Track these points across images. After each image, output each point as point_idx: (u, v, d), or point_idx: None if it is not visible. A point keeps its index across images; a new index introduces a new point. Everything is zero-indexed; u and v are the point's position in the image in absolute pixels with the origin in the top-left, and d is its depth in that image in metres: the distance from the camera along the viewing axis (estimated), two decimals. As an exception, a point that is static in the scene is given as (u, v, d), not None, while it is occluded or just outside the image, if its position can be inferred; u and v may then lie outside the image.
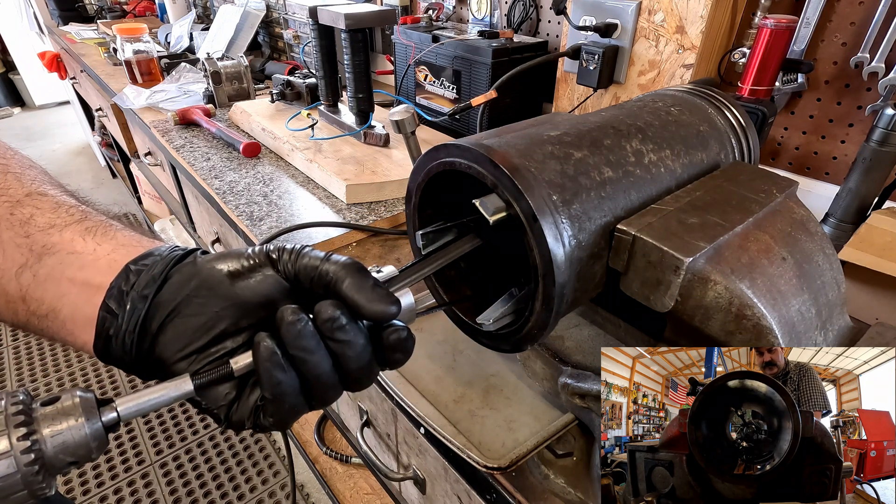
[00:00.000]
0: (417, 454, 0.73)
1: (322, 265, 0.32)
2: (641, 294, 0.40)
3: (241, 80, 1.44)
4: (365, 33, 1.05)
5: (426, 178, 0.45)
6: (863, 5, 0.77)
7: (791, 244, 0.42)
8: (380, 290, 0.31)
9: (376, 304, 0.30)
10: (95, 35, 2.26)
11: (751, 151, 0.54)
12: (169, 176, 1.52)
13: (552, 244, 0.36)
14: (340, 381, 0.32)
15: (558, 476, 0.51)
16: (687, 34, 0.86)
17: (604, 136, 0.43)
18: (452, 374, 0.60)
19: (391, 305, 0.30)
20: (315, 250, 0.34)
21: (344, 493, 1.38)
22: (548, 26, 1.25)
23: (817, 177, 0.91)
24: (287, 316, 0.30)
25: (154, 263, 0.35)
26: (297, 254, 0.33)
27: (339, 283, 0.31)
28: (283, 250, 0.34)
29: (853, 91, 0.83)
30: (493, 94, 0.98)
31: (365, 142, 1.11)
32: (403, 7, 1.53)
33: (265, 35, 1.84)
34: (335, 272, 0.32)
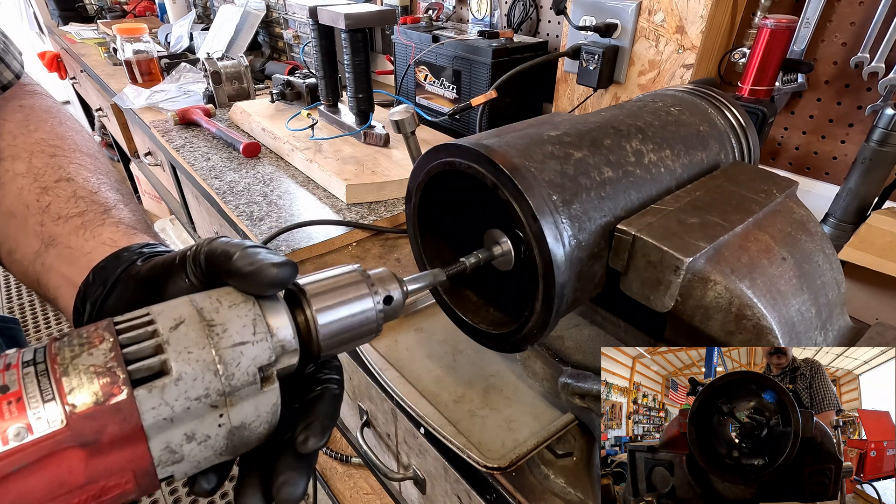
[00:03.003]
0: (417, 454, 0.73)
1: (217, 247, 0.29)
2: (641, 294, 0.40)
3: (241, 80, 1.44)
4: (365, 33, 1.05)
5: (426, 178, 0.45)
6: (863, 5, 0.77)
7: (791, 244, 0.42)
8: (270, 256, 0.28)
9: (268, 270, 0.27)
10: (95, 35, 2.26)
11: (751, 151, 0.54)
12: (169, 176, 1.52)
13: (552, 244, 0.36)
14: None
15: (558, 476, 0.51)
16: (687, 34, 0.86)
17: (604, 136, 0.43)
18: (452, 374, 0.60)
19: (283, 268, 0.27)
20: (220, 239, 0.30)
21: (344, 493, 1.38)
22: (548, 26, 1.25)
23: (817, 177, 0.91)
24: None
25: (114, 268, 0.35)
26: (203, 252, 0.30)
27: (228, 260, 0.28)
28: (196, 251, 0.31)
29: (853, 91, 0.83)
30: (493, 94, 0.98)
31: (365, 142, 1.11)
32: (403, 7, 1.53)
33: (265, 35, 1.84)
34: (224, 248, 0.29)
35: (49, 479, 0.22)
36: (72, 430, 0.22)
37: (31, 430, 0.21)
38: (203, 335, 0.25)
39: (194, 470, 0.26)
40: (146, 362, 0.23)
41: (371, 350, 0.62)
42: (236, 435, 0.26)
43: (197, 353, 0.24)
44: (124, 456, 0.23)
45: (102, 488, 0.23)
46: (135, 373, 0.23)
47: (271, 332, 0.27)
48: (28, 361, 0.23)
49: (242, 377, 0.25)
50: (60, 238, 0.38)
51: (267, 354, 0.26)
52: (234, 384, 0.25)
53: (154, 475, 0.24)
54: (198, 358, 0.24)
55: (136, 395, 0.23)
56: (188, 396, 0.24)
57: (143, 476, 0.24)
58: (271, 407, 0.27)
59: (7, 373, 0.22)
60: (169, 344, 0.24)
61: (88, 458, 0.22)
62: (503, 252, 0.44)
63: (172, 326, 0.25)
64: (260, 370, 0.26)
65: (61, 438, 0.21)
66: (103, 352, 0.23)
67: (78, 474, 0.22)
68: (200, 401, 0.24)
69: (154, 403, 0.23)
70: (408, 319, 0.69)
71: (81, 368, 0.22)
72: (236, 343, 0.25)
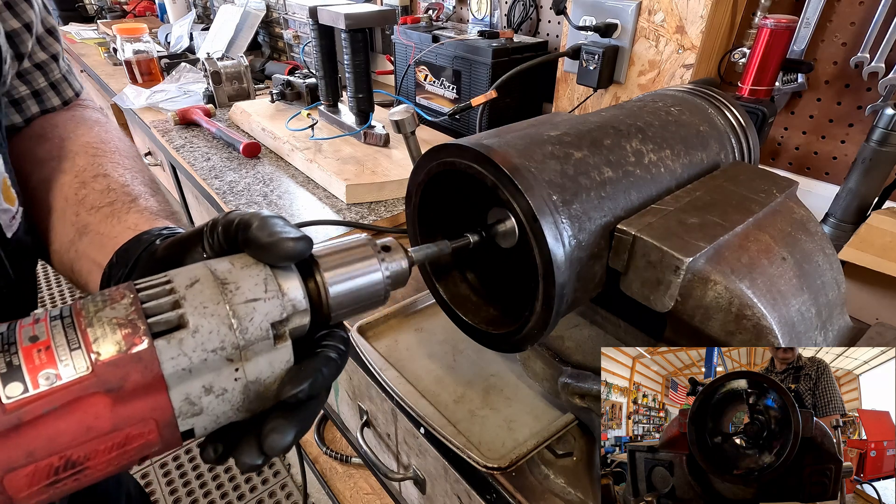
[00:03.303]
0: (417, 454, 0.73)
1: (235, 217, 0.30)
2: (641, 294, 0.40)
3: (241, 80, 1.44)
4: (365, 33, 1.05)
5: (426, 178, 0.45)
6: (863, 5, 0.77)
7: (791, 244, 0.42)
8: (287, 229, 0.29)
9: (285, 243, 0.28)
10: (95, 35, 2.26)
11: (751, 151, 0.54)
12: (169, 176, 1.52)
13: (552, 244, 0.36)
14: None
15: (558, 476, 0.51)
16: (687, 34, 0.86)
17: (604, 136, 0.43)
18: (452, 374, 0.60)
19: (298, 242, 0.28)
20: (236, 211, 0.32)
21: (344, 493, 1.38)
22: (548, 26, 1.25)
23: (817, 177, 0.91)
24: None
25: (135, 249, 0.37)
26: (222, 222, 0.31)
27: (247, 228, 0.29)
28: (214, 222, 0.31)
29: (853, 91, 0.83)
30: (493, 94, 0.98)
31: (365, 142, 1.11)
32: (403, 7, 1.52)
33: (265, 35, 1.84)
34: (242, 217, 0.30)
35: (77, 424, 0.23)
36: (97, 376, 0.23)
37: (59, 376, 0.23)
38: (217, 292, 0.26)
39: (213, 425, 0.27)
40: (164, 316, 0.25)
41: (371, 350, 0.62)
42: (251, 390, 0.27)
43: (212, 308, 0.26)
44: (147, 404, 0.24)
45: (127, 436, 0.24)
46: (154, 325, 0.24)
47: (282, 291, 0.28)
48: (55, 316, 0.24)
49: (256, 332, 0.26)
50: (92, 226, 0.41)
51: (278, 311, 0.27)
52: (248, 338, 0.26)
53: (175, 426, 0.25)
54: (213, 312, 0.26)
55: (156, 345, 0.24)
56: (205, 348, 0.25)
57: (165, 427, 0.25)
58: (284, 364, 0.28)
59: (36, 325, 0.24)
60: (185, 300, 0.26)
61: (113, 404, 0.23)
62: (507, 229, 0.42)
63: (188, 285, 0.26)
64: (272, 327, 0.27)
65: (88, 384, 0.23)
66: (124, 306, 0.25)
67: (104, 420, 0.23)
68: (217, 353, 0.25)
69: (173, 353, 0.24)
70: (408, 319, 0.69)
71: (105, 320, 0.24)
72: (249, 299, 0.27)
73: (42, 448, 0.22)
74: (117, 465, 0.25)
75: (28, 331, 0.24)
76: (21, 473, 0.22)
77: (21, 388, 0.22)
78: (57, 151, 0.47)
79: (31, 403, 0.22)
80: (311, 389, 0.27)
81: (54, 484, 0.23)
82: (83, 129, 0.51)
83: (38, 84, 0.51)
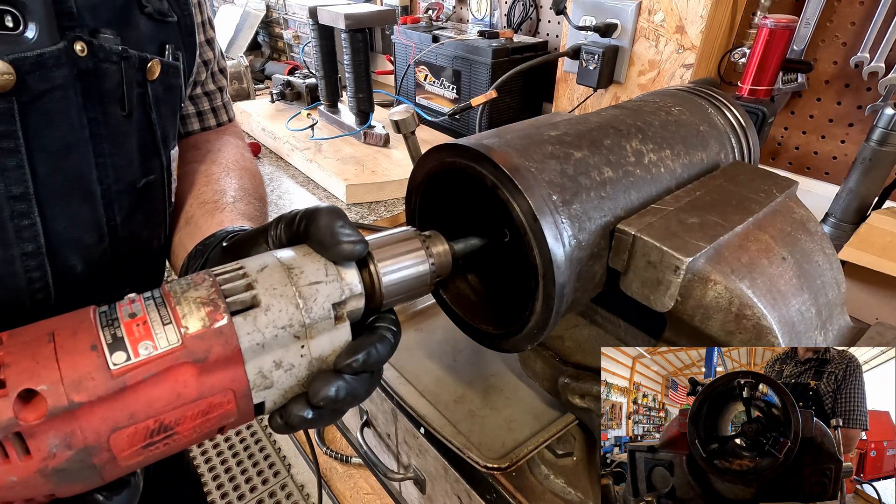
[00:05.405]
0: (417, 454, 0.73)
1: (297, 211, 0.34)
2: (641, 294, 0.40)
3: (241, 80, 1.44)
4: (365, 33, 1.05)
5: (426, 178, 0.45)
6: (863, 5, 0.77)
7: (791, 244, 0.42)
8: (347, 231, 0.32)
9: (345, 246, 0.31)
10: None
11: (751, 151, 0.54)
12: (169, 176, 1.52)
13: (552, 244, 0.36)
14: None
15: (558, 476, 0.51)
16: (687, 34, 0.86)
17: (604, 136, 0.43)
18: (452, 374, 0.60)
19: (357, 244, 0.31)
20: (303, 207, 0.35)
21: (344, 493, 1.38)
22: (548, 26, 1.25)
23: (817, 177, 0.91)
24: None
25: (211, 244, 0.41)
26: (288, 216, 0.34)
27: (312, 223, 0.32)
28: (280, 217, 0.35)
29: (853, 91, 0.83)
30: (493, 94, 0.98)
31: (365, 142, 1.11)
32: (403, 7, 1.53)
33: (265, 35, 1.84)
34: (309, 212, 0.33)
35: (169, 390, 0.26)
36: (186, 347, 0.26)
37: (156, 346, 0.26)
38: (285, 275, 0.29)
39: (281, 399, 0.30)
40: (240, 296, 0.28)
41: (371, 350, 0.62)
42: (315, 367, 0.30)
43: (281, 290, 0.29)
44: (227, 375, 0.27)
45: (210, 404, 0.27)
46: (232, 304, 0.27)
47: (340, 276, 0.31)
48: (147, 297, 0.28)
49: (319, 311, 0.29)
50: (195, 218, 0.48)
51: (338, 293, 0.30)
52: (313, 317, 0.29)
53: (249, 398, 0.28)
54: (282, 293, 0.29)
55: (234, 321, 0.27)
56: (276, 325, 0.28)
57: (242, 398, 0.28)
58: (343, 342, 0.31)
59: (133, 304, 0.27)
60: (257, 282, 0.29)
61: (199, 374, 0.26)
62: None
63: (259, 269, 0.29)
64: (333, 308, 0.30)
65: (179, 354, 0.26)
66: (206, 287, 0.28)
67: (191, 388, 0.26)
68: (286, 329, 0.28)
69: (249, 329, 0.27)
70: (408, 319, 0.69)
71: (191, 299, 0.27)
72: (312, 282, 0.30)
73: (141, 411, 0.25)
74: (200, 432, 0.28)
75: (127, 308, 0.27)
76: (124, 434, 0.25)
77: (125, 356, 0.25)
78: (201, 158, 0.57)
79: (133, 370, 0.25)
80: (364, 362, 0.30)
81: (149, 447, 0.26)
82: (226, 148, 0.61)
83: (203, 107, 0.62)
